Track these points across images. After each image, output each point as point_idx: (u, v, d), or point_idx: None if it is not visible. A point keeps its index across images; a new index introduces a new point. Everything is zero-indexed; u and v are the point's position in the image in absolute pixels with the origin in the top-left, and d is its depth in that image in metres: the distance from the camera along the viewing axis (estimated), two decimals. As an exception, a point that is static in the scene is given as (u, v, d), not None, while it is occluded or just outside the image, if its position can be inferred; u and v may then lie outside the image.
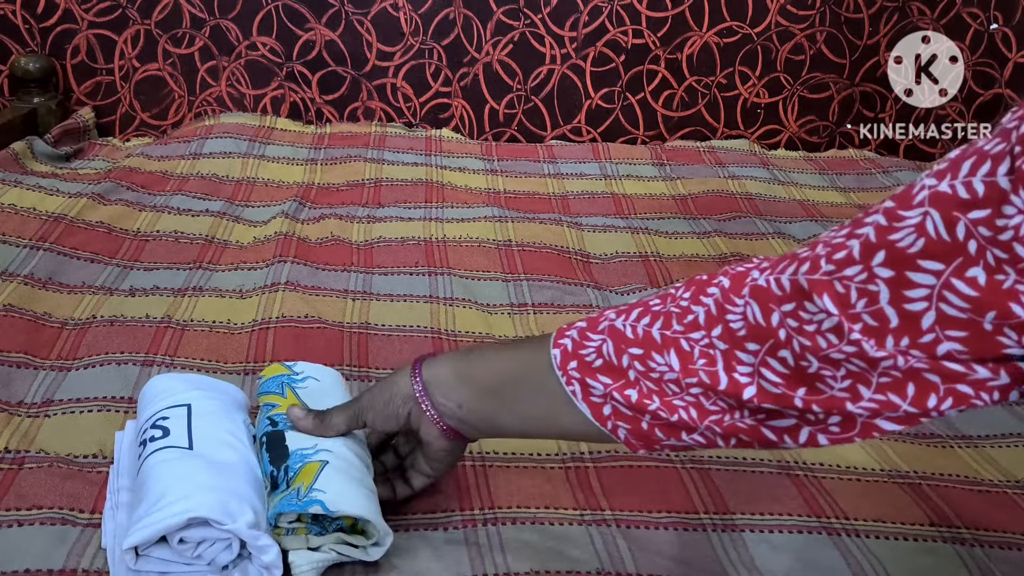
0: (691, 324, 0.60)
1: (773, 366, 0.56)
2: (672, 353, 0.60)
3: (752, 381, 0.57)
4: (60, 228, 1.26)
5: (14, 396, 0.92)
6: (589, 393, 0.64)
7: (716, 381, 0.58)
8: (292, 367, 0.86)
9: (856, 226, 0.54)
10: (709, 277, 0.62)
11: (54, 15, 1.71)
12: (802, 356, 0.54)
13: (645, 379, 0.61)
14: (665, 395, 0.61)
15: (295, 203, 1.42)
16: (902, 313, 0.50)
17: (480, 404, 0.71)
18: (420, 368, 0.73)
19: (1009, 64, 1.90)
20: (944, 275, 0.48)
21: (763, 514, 0.81)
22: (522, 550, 0.75)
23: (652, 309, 0.63)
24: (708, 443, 0.62)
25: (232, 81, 1.78)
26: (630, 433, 0.64)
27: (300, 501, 0.69)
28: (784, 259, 0.57)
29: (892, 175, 1.75)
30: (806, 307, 0.53)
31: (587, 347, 0.65)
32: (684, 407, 0.60)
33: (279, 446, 0.75)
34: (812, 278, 0.53)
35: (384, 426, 0.75)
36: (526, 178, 1.62)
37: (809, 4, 1.83)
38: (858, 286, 0.51)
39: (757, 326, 0.56)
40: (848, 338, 0.52)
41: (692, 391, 0.60)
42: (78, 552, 0.72)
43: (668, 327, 0.61)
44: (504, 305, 1.18)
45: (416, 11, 1.77)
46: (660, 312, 0.62)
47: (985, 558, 0.78)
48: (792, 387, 0.55)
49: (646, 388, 0.61)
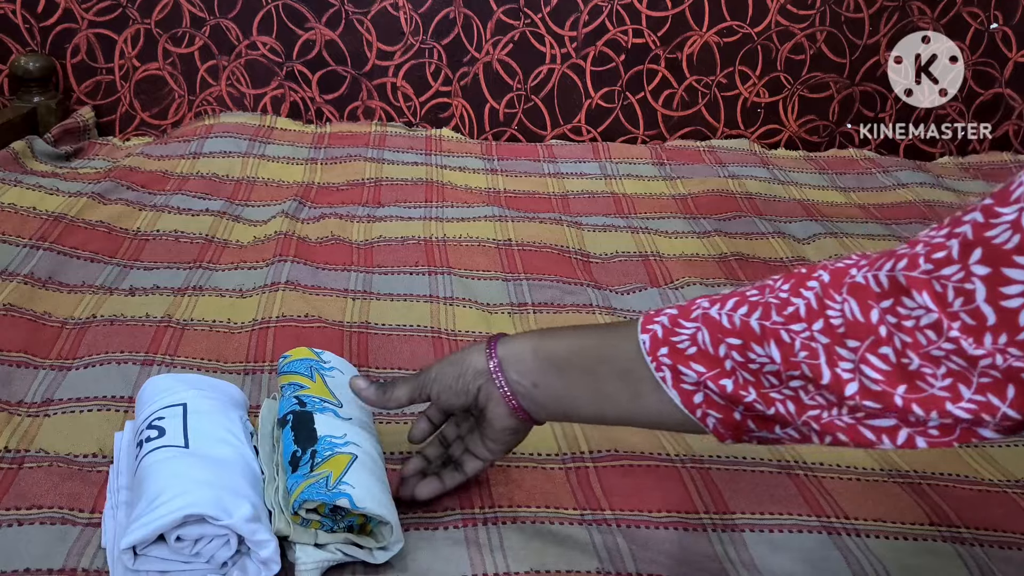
0: (791, 316, 0.59)
1: (874, 363, 0.55)
2: (772, 344, 0.59)
3: (854, 377, 0.56)
4: (60, 228, 1.26)
5: (14, 396, 0.92)
6: (680, 380, 0.63)
7: (819, 375, 0.57)
8: (320, 355, 0.86)
9: (955, 224, 0.54)
10: (808, 271, 0.61)
11: (54, 14, 1.71)
12: (903, 353, 0.54)
13: (743, 369, 0.61)
14: (762, 387, 0.60)
15: (295, 202, 1.42)
16: (999, 310, 0.50)
17: (557, 384, 0.70)
18: (496, 344, 0.72)
19: (1009, 64, 1.90)
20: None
21: (763, 514, 0.81)
22: (522, 550, 0.75)
23: (749, 299, 0.62)
24: (802, 439, 0.61)
25: (232, 80, 1.78)
26: (720, 423, 0.63)
27: (329, 491, 0.68)
28: (882, 256, 0.57)
29: (892, 175, 1.75)
30: (904, 303, 0.53)
31: (680, 334, 0.64)
32: (782, 400, 0.60)
33: (307, 427, 0.75)
34: (910, 275, 0.53)
35: (449, 401, 0.74)
36: (526, 178, 1.62)
37: (809, 4, 1.83)
38: (955, 285, 0.51)
39: (856, 322, 0.56)
40: (947, 335, 0.52)
41: (792, 384, 0.59)
42: (78, 552, 0.72)
43: (767, 318, 0.60)
44: (504, 305, 1.18)
45: (416, 10, 1.77)
46: (758, 302, 0.61)
47: (985, 557, 0.77)
48: (893, 384, 0.55)
49: (742, 379, 0.61)
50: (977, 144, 1.94)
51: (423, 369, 0.77)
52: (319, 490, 0.69)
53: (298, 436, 0.74)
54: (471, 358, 0.73)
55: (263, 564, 0.69)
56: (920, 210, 1.58)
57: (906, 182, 1.71)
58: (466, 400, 0.73)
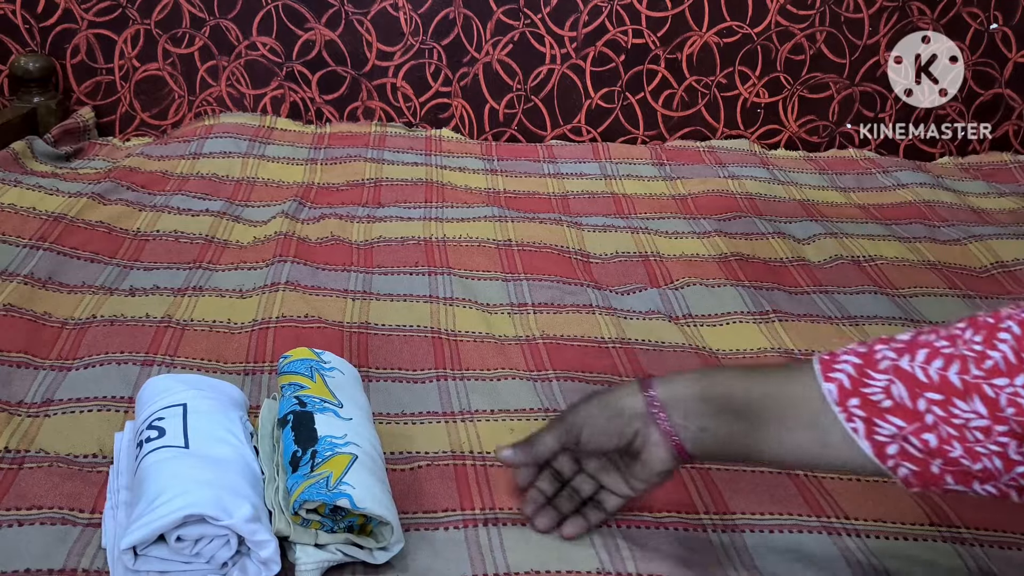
0: (991, 370, 0.58)
1: None
2: (977, 400, 0.58)
3: None
4: (60, 228, 1.26)
5: (14, 396, 0.92)
6: (874, 432, 0.62)
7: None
8: (320, 355, 0.86)
9: None
10: (995, 319, 0.60)
11: (54, 15, 1.71)
12: None
13: (946, 425, 0.60)
14: (967, 442, 0.59)
15: (295, 203, 1.42)
16: None
17: (730, 431, 0.69)
18: (653, 386, 0.71)
19: (1009, 64, 1.90)
20: None
21: (763, 514, 0.82)
22: (522, 550, 0.75)
23: (941, 351, 0.61)
24: (1001, 495, 0.60)
25: (232, 81, 1.78)
26: (914, 475, 0.62)
27: (329, 491, 0.68)
28: None
29: (892, 175, 1.75)
30: None
31: (871, 386, 0.63)
32: (988, 455, 0.59)
33: (307, 428, 0.75)
34: None
35: (599, 444, 0.73)
36: (526, 178, 1.62)
37: (809, 4, 1.83)
38: None
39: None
40: None
41: (1000, 439, 0.58)
42: (78, 552, 0.72)
43: (966, 372, 0.59)
44: (504, 305, 1.18)
45: (416, 11, 1.77)
46: (952, 356, 0.60)
47: (985, 558, 0.78)
48: None
49: (946, 434, 0.60)
50: (977, 144, 1.94)
51: (563, 412, 0.75)
52: (319, 490, 0.69)
53: (298, 436, 0.75)
54: (625, 400, 0.72)
55: (263, 564, 0.69)
56: (920, 210, 1.58)
57: (906, 182, 1.71)
58: (619, 442, 0.72)
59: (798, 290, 1.26)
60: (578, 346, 1.08)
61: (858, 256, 1.36)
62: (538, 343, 1.08)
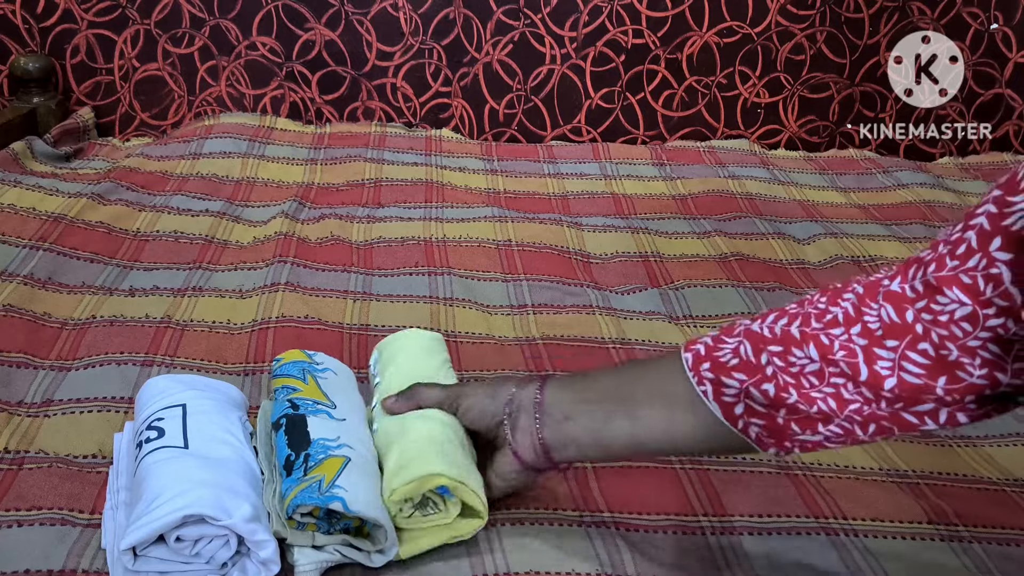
0: (830, 322, 0.63)
1: (914, 359, 0.59)
2: (812, 346, 0.63)
3: (892, 373, 0.60)
4: (60, 228, 1.26)
5: (14, 396, 0.92)
6: (721, 392, 0.66)
7: (857, 372, 0.61)
8: (313, 356, 0.86)
9: (969, 218, 0.58)
10: (843, 285, 0.65)
11: (54, 15, 1.71)
12: (941, 346, 0.58)
13: (783, 373, 0.64)
14: (803, 387, 0.63)
15: (295, 203, 1.42)
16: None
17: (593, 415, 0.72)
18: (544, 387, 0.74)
19: (1009, 64, 1.90)
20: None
21: (761, 516, 0.81)
22: (522, 551, 0.75)
23: (788, 312, 0.66)
24: (845, 434, 0.64)
25: (232, 81, 1.78)
26: (763, 429, 0.65)
27: (322, 495, 0.68)
28: (910, 264, 0.61)
29: (892, 175, 1.75)
30: (938, 300, 0.58)
31: (722, 349, 0.67)
32: (823, 398, 0.62)
33: (300, 431, 0.75)
34: (940, 275, 0.57)
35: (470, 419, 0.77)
36: (526, 178, 1.62)
37: (809, 4, 1.83)
38: (982, 274, 0.55)
39: (893, 324, 0.60)
40: (983, 325, 0.56)
41: (833, 381, 0.62)
42: (78, 552, 0.72)
43: (807, 324, 0.64)
44: (504, 306, 1.18)
45: (416, 11, 1.77)
46: (797, 313, 0.65)
47: (983, 555, 0.78)
48: (934, 377, 0.58)
49: (783, 381, 0.64)
50: (977, 144, 1.94)
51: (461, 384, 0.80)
52: (312, 494, 0.69)
53: (291, 440, 0.75)
54: (504, 390, 0.75)
55: (263, 564, 0.69)
56: (920, 210, 1.58)
57: (906, 182, 1.71)
58: (487, 426, 0.75)
59: (798, 290, 1.26)
60: (578, 346, 1.08)
61: (858, 256, 1.36)
62: (538, 344, 1.08)
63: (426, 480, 0.72)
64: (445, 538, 0.73)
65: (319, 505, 0.68)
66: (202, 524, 0.67)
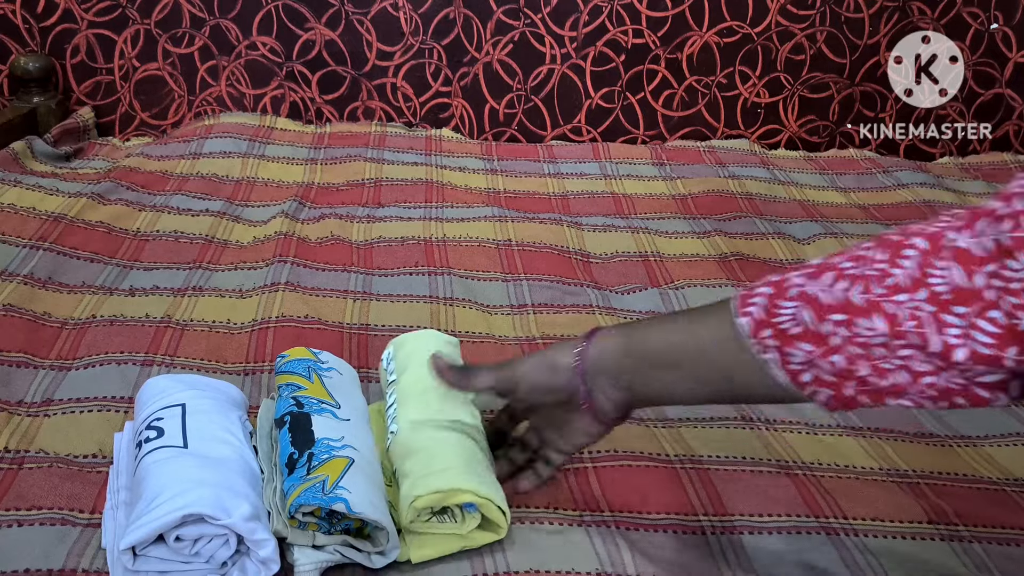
0: (893, 287, 0.59)
1: (983, 327, 0.56)
2: (877, 317, 0.59)
3: (963, 343, 0.57)
4: (60, 228, 1.26)
5: (14, 396, 0.92)
6: (788, 361, 0.63)
7: (926, 343, 0.58)
8: (318, 355, 0.86)
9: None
10: (902, 235, 0.61)
11: (54, 15, 1.71)
12: (1012, 315, 0.54)
13: (851, 344, 0.61)
14: (872, 359, 0.60)
15: (295, 203, 1.42)
16: None
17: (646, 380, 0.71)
18: (589, 344, 0.73)
19: (1009, 64, 1.90)
20: None
21: (761, 515, 0.81)
22: (522, 550, 0.75)
23: (845, 272, 0.62)
24: (916, 406, 0.62)
25: (232, 81, 1.78)
26: (832, 398, 0.63)
27: (325, 496, 0.68)
28: (977, 216, 0.57)
29: (892, 175, 1.75)
30: (1009, 266, 0.54)
31: (781, 315, 0.63)
32: (894, 370, 0.60)
33: (304, 429, 0.75)
34: (1016, 235, 0.54)
35: (538, 398, 0.76)
36: (526, 178, 1.62)
37: (809, 4, 1.83)
38: None
39: (962, 288, 0.56)
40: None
41: (901, 353, 0.59)
42: (78, 552, 0.72)
43: (868, 291, 0.60)
44: (504, 305, 1.17)
45: (416, 11, 1.77)
46: (856, 275, 0.61)
47: (983, 554, 0.78)
48: (1003, 347, 0.55)
49: (852, 353, 0.61)
50: (977, 144, 1.94)
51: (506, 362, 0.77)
52: (315, 494, 0.69)
53: (295, 438, 0.74)
54: (560, 358, 0.74)
55: (262, 564, 0.69)
56: (920, 210, 1.58)
57: (906, 182, 1.71)
58: (556, 398, 0.74)
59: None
60: (578, 346, 1.08)
61: (858, 256, 1.36)
62: (538, 343, 1.08)
63: (451, 494, 0.72)
64: (458, 547, 0.74)
65: (322, 506, 0.68)
66: (202, 523, 0.67)
